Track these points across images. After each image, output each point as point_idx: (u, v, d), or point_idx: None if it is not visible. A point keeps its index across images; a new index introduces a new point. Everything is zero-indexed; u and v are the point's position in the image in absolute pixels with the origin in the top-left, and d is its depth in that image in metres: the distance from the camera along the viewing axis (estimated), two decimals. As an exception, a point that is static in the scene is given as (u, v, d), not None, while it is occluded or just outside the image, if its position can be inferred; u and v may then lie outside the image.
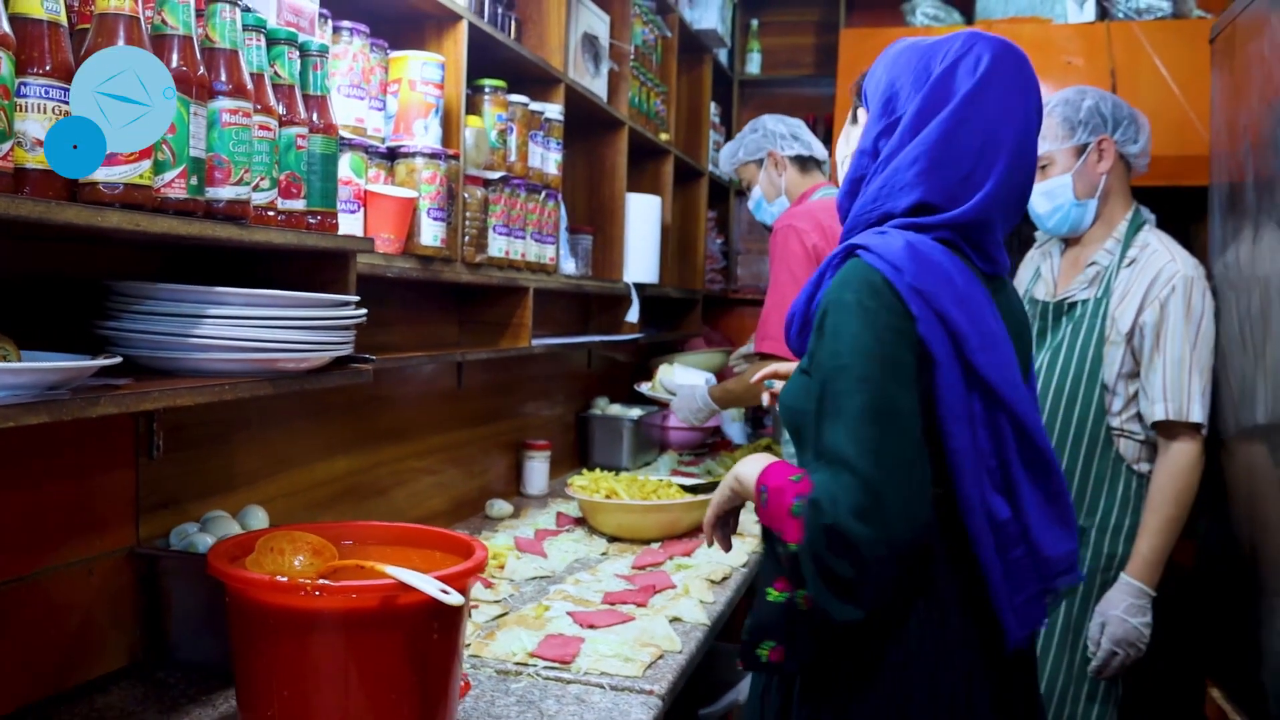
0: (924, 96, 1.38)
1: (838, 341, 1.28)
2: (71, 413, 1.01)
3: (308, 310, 1.36)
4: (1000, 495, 1.31)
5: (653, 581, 2.21)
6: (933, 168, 1.36)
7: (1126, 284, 2.34)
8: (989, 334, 1.31)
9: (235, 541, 1.30)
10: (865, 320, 1.28)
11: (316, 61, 1.51)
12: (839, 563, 1.22)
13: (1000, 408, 1.30)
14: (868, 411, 1.24)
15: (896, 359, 1.27)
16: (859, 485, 1.21)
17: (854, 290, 1.30)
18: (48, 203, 0.99)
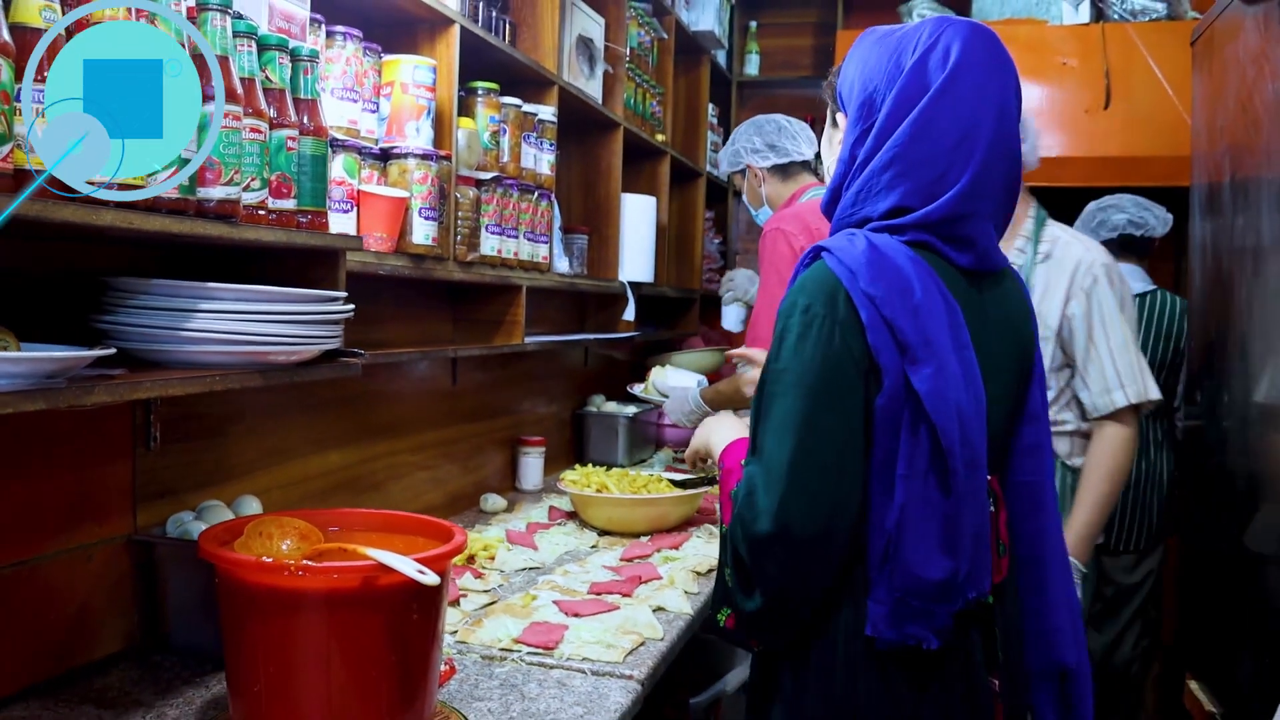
0: (894, 97, 1.35)
1: (781, 344, 1.31)
2: (67, 400, 1.07)
3: (296, 305, 1.41)
4: (892, 504, 1.30)
5: (639, 573, 2.26)
6: (906, 170, 1.34)
7: (1045, 279, 2.37)
8: (932, 344, 1.29)
9: (226, 527, 1.36)
10: (808, 326, 1.30)
11: (307, 66, 1.57)
12: (746, 553, 1.28)
13: (924, 420, 1.29)
14: (791, 415, 1.27)
15: (831, 368, 1.28)
16: (771, 486, 1.26)
17: (808, 293, 1.32)
18: (45, 202, 1.05)
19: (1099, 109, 4.26)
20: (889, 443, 1.30)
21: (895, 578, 1.30)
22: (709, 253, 4.92)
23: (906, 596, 1.29)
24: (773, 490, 1.25)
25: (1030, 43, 4.36)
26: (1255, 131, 2.11)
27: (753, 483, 1.28)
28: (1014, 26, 4.59)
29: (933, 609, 1.30)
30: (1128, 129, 4.17)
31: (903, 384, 1.29)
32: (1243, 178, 2.21)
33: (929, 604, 1.30)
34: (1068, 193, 4.30)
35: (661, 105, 4.00)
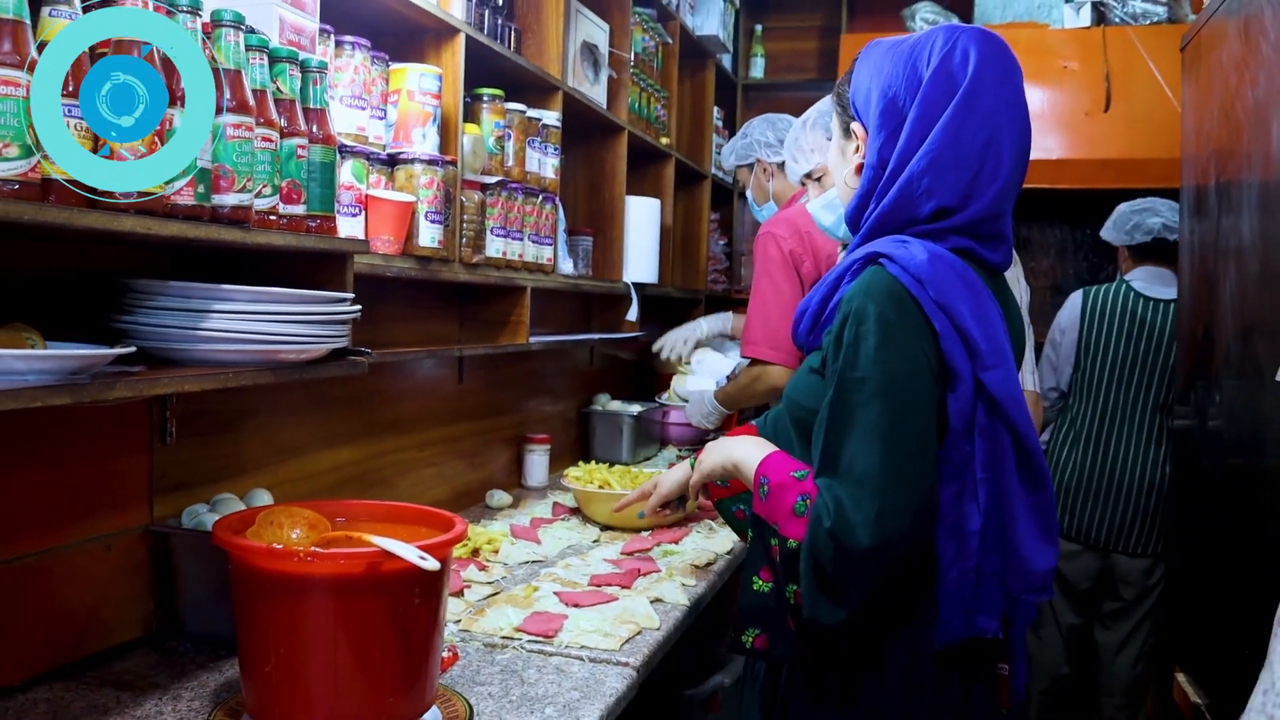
0: (921, 100, 1.40)
1: (857, 352, 1.32)
2: (90, 395, 1.14)
3: (305, 306, 1.49)
4: (975, 505, 1.34)
5: (638, 566, 2.33)
6: (942, 173, 1.38)
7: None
8: (999, 350, 1.35)
9: (239, 516, 1.43)
10: (886, 333, 1.32)
11: (316, 77, 1.64)
12: (835, 568, 1.29)
13: (1001, 420, 1.34)
14: (880, 426, 1.29)
15: (913, 375, 1.32)
16: (865, 498, 1.27)
17: (877, 301, 1.33)
18: (70, 209, 1.12)
19: (1099, 111, 4.31)
20: (962, 446, 1.34)
21: (1008, 574, 1.36)
22: (714, 254, 4.99)
23: (1018, 590, 1.36)
24: (867, 502, 1.27)
25: (1031, 46, 4.41)
26: (1237, 136, 2.17)
27: (836, 495, 1.29)
28: (1016, 30, 4.64)
29: (1037, 598, 1.38)
30: (1127, 131, 4.22)
31: (974, 389, 1.34)
32: (1226, 181, 2.27)
33: (1036, 593, 1.37)
34: (1067, 195, 4.36)
35: (666, 109, 4.07)
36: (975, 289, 1.36)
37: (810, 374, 1.49)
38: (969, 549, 1.35)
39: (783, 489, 1.41)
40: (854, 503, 1.27)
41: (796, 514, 1.36)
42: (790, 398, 1.55)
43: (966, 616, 1.35)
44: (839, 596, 1.31)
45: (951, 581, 1.35)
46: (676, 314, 4.63)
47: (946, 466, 1.34)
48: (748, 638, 1.48)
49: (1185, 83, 2.78)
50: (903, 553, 1.29)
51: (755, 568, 1.48)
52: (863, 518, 1.27)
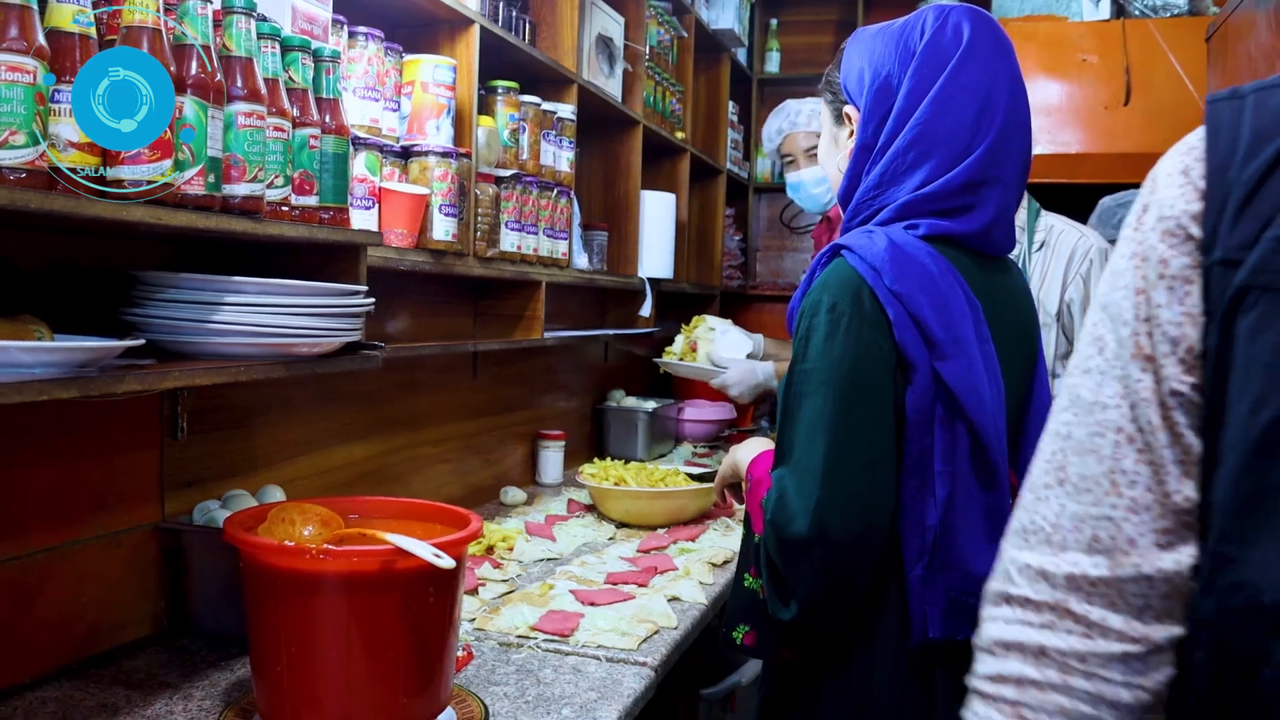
0: (911, 77, 1.37)
1: (807, 344, 1.31)
2: (99, 388, 1.12)
3: (318, 298, 1.46)
4: (933, 500, 1.31)
5: (655, 564, 2.30)
6: (930, 147, 1.36)
7: (1043, 267, 2.37)
8: (959, 340, 1.31)
9: (250, 513, 1.40)
10: (835, 325, 1.29)
11: (329, 66, 1.61)
12: (781, 559, 1.27)
13: (959, 415, 1.31)
14: (821, 416, 1.27)
15: (862, 365, 1.28)
16: (805, 488, 1.25)
17: (831, 292, 1.31)
18: (77, 198, 1.09)
19: (1119, 105, 4.25)
20: (922, 439, 1.30)
21: (948, 574, 1.31)
22: (729, 250, 4.95)
23: (959, 593, 1.30)
24: (806, 492, 1.25)
25: (1050, 39, 4.36)
26: (1268, 128, 2.12)
27: (783, 486, 1.28)
28: (1034, 23, 4.58)
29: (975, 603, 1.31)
30: (1147, 125, 4.16)
31: (932, 380, 1.30)
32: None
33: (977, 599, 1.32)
34: (1086, 190, 4.31)
35: (681, 103, 4.03)
36: (938, 277, 1.32)
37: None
38: (928, 544, 1.31)
39: (759, 484, 1.41)
40: (795, 493, 1.26)
41: (764, 507, 1.34)
42: (780, 394, 1.52)
43: (923, 616, 1.32)
44: (787, 591, 1.29)
45: (915, 579, 1.31)
46: (691, 310, 4.60)
47: (908, 460, 1.31)
48: (737, 634, 1.46)
49: (1211, 74, 2.74)
50: (845, 547, 1.25)
51: (745, 564, 1.46)
52: (801, 508, 1.25)
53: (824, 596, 1.28)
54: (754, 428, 4.69)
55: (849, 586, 1.29)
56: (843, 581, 1.28)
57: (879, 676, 1.35)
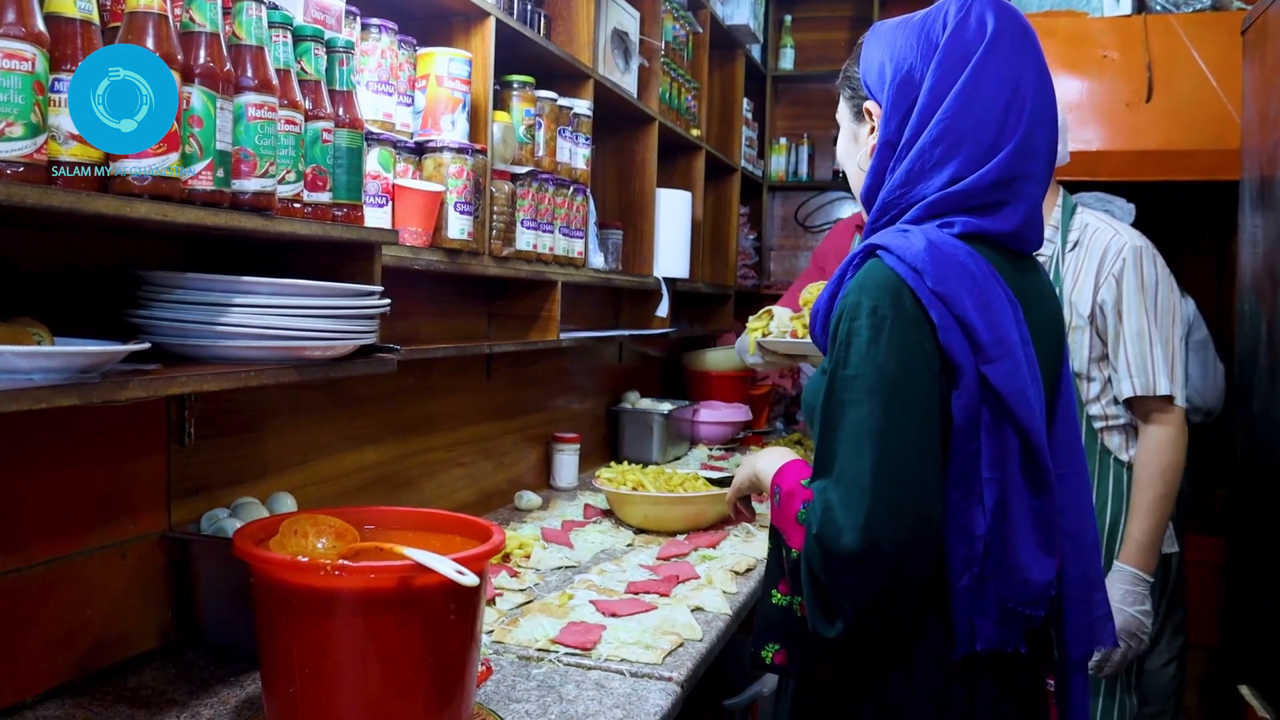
0: (936, 69, 1.32)
1: (848, 349, 1.24)
2: (101, 395, 1.05)
3: (332, 299, 1.39)
4: (981, 508, 1.25)
5: (676, 572, 2.23)
6: (958, 141, 1.30)
7: (1075, 267, 2.30)
8: (1005, 342, 1.26)
9: (261, 524, 1.34)
10: (877, 328, 1.23)
11: (342, 58, 1.55)
12: (826, 576, 1.21)
13: (1008, 420, 1.25)
14: (867, 425, 1.21)
15: (907, 371, 1.23)
16: (853, 501, 1.18)
17: (870, 295, 1.25)
18: (78, 193, 1.03)
19: (1140, 102, 4.17)
20: (969, 445, 1.25)
21: (999, 584, 1.26)
22: (743, 249, 4.88)
23: (1015, 602, 1.25)
24: (854, 505, 1.18)
25: (1070, 35, 4.29)
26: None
27: (828, 500, 1.21)
28: (1054, 19, 4.51)
29: (1034, 612, 1.27)
30: (1169, 122, 4.08)
31: (978, 384, 1.25)
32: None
33: (1033, 607, 1.26)
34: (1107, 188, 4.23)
35: (696, 100, 3.96)
36: (979, 277, 1.27)
37: (821, 375, 1.39)
38: (976, 554, 1.25)
39: (790, 497, 1.35)
40: (842, 506, 1.19)
41: (799, 521, 1.29)
42: (806, 402, 1.46)
43: (971, 627, 1.27)
44: (832, 607, 1.23)
45: (962, 589, 1.26)
46: (707, 310, 4.54)
47: (953, 467, 1.26)
48: (767, 653, 1.40)
49: (1247, 68, 2.66)
50: (896, 559, 1.19)
51: (773, 580, 1.40)
52: (850, 521, 1.18)
53: (872, 612, 1.23)
54: (769, 429, 4.62)
55: (896, 600, 1.24)
56: (891, 595, 1.22)
57: (919, 691, 1.30)
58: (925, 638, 1.30)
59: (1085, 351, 2.27)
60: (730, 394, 4.30)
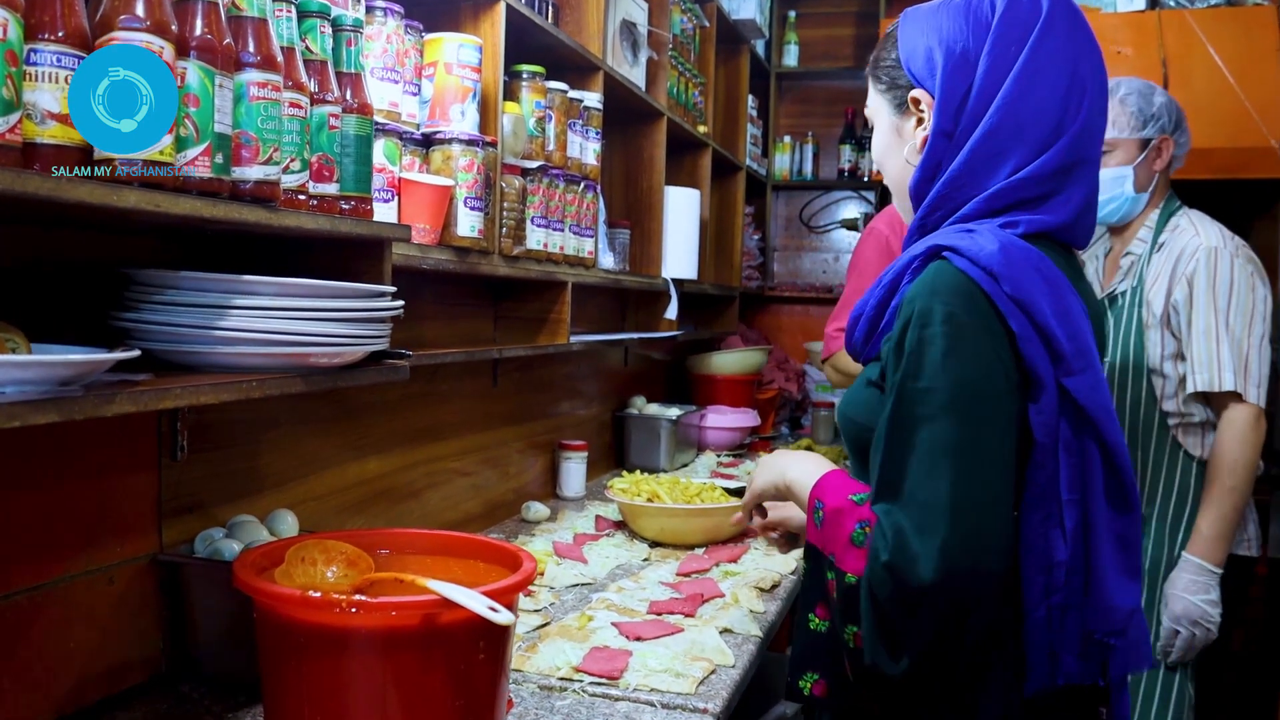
0: (990, 51, 1.23)
1: (921, 359, 1.13)
2: (84, 411, 0.92)
3: (342, 301, 1.26)
4: (1059, 532, 1.16)
5: (700, 590, 2.10)
6: (1021, 126, 1.22)
7: (1157, 268, 2.32)
8: (1085, 352, 1.17)
9: (263, 551, 1.20)
10: (955, 336, 1.13)
11: (350, 37, 1.42)
12: (895, 608, 1.11)
13: (1091, 435, 1.16)
14: (947, 444, 1.11)
15: (987, 384, 1.13)
16: (928, 527, 1.08)
17: (944, 299, 1.14)
18: (58, 179, 0.89)
19: (1156, 98, 4.07)
20: (1049, 464, 1.14)
21: (1083, 613, 1.17)
22: (748, 249, 4.76)
23: (1101, 633, 1.16)
24: (931, 531, 1.08)
25: (1083, 30, 4.17)
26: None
27: (898, 523, 1.10)
28: (1066, 13, 4.40)
29: (1118, 641, 1.17)
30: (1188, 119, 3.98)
31: (1058, 397, 1.16)
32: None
33: (1118, 637, 1.17)
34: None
35: (703, 96, 3.84)
36: (1056, 282, 1.18)
37: (867, 387, 1.31)
38: (1056, 582, 1.16)
39: (840, 515, 1.22)
40: (916, 532, 1.09)
41: (854, 544, 1.18)
42: (845, 414, 1.36)
43: (1053, 660, 1.17)
44: (900, 642, 1.12)
45: (1038, 620, 1.17)
46: (710, 312, 4.41)
47: (1032, 489, 1.16)
48: (805, 683, 1.30)
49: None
50: (972, 590, 1.10)
51: (811, 603, 1.29)
52: (926, 549, 1.08)
53: (941, 647, 1.11)
54: (774, 435, 4.50)
55: (968, 634, 1.12)
56: (964, 629, 1.11)
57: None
58: (989, 674, 1.19)
59: (1158, 350, 2.29)
60: (736, 398, 4.17)
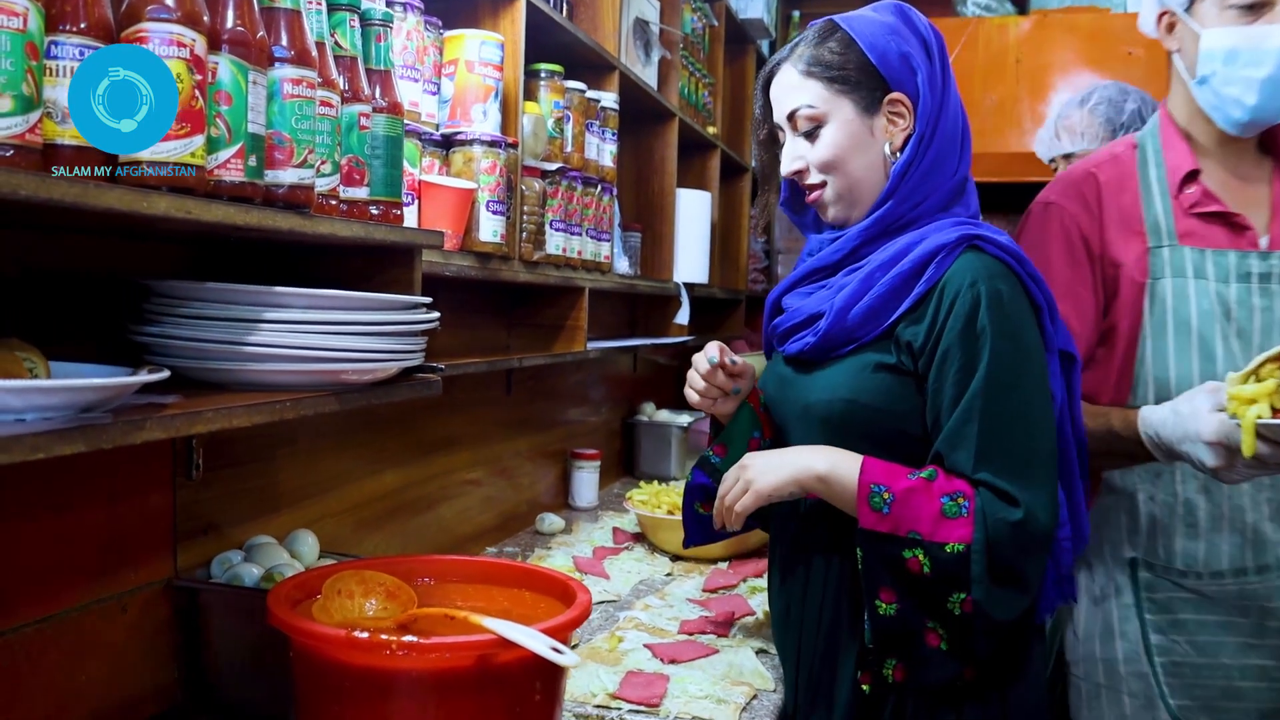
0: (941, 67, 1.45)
1: (1003, 337, 1.28)
2: (112, 439, 0.83)
3: (377, 314, 1.17)
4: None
5: (730, 608, 2.02)
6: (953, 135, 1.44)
7: None
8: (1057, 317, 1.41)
9: (296, 582, 1.12)
10: (1017, 316, 1.31)
11: (380, 32, 1.34)
12: (1022, 558, 1.26)
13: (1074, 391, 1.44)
14: (1030, 407, 1.30)
15: (1040, 355, 1.34)
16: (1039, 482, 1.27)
17: (1005, 282, 1.32)
18: (84, 184, 0.81)
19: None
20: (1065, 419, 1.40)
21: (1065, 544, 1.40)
22: (753, 252, 4.68)
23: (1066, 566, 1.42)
24: (1039, 484, 1.27)
25: (1093, 31, 4.12)
26: None
27: (1003, 486, 1.26)
28: (1074, 14, 4.33)
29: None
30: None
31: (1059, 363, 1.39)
32: None
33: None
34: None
35: (712, 96, 3.76)
36: None
37: (877, 371, 1.38)
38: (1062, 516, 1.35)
39: (914, 494, 1.30)
40: (1025, 487, 1.27)
41: (947, 515, 1.27)
42: (855, 401, 1.39)
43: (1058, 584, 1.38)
44: (1024, 585, 1.28)
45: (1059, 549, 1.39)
46: (716, 315, 4.33)
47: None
48: (888, 670, 1.34)
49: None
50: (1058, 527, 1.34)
51: (874, 590, 1.32)
52: (1039, 501, 1.27)
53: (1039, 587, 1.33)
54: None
55: None
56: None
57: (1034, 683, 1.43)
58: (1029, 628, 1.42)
59: None
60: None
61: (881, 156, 1.44)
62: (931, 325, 1.33)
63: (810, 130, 1.45)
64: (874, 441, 1.37)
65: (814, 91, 1.44)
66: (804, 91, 1.44)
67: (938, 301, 1.32)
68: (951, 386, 1.31)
